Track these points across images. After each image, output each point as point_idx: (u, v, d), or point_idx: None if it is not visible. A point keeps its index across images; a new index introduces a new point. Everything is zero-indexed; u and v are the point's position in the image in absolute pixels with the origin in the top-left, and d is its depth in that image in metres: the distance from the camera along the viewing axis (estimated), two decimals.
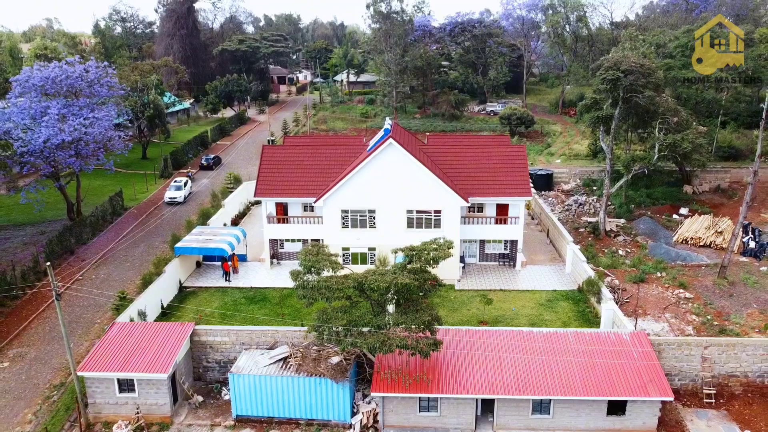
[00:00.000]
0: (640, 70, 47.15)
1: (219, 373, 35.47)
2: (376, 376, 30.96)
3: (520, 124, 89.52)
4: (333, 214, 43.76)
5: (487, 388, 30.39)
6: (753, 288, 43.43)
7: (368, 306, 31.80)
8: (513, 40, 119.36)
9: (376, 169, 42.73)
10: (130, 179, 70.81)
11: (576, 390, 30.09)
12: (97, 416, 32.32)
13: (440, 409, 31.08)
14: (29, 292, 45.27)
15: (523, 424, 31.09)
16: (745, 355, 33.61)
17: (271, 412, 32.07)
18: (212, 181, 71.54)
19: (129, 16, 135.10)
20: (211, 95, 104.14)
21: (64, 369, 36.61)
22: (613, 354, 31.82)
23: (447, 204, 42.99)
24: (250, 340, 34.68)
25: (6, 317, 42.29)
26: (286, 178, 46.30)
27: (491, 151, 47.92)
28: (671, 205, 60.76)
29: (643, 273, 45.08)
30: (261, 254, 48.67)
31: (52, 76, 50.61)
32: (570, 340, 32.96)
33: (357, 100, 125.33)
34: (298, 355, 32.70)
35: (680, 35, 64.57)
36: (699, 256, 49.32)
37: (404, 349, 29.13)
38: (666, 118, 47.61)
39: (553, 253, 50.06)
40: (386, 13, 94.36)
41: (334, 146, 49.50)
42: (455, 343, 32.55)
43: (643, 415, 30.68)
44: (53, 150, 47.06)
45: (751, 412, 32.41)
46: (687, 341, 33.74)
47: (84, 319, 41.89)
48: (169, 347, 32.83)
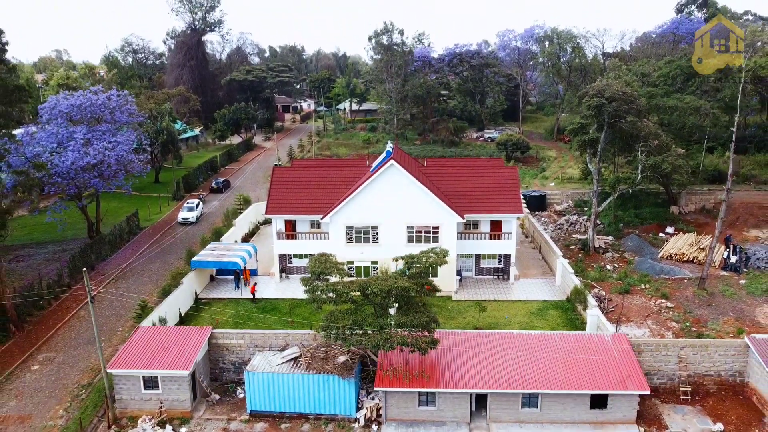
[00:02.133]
0: (622, 97, 51.06)
1: (234, 374, 38.46)
2: (379, 373, 33.97)
3: (516, 149, 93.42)
4: (338, 229, 47.14)
5: (481, 383, 33.38)
6: (730, 298, 46.50)
7: (371, 309, 34.97)
8: (509, 70, 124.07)
9: (378, 188, 46.23)
10: (144, 201, 74.38)
11: (561, 385, 33.07)
12: (123, 411, 35.25)
13: (438, 404, 33.99)
14: (54, 304, 48.52)
15: (513, 417, 33.96)
16: (718, 356, 36.60)
17: (282, 407, 34.97)
18: (222, 203, 75.11)
19: (140, 47, 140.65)
20: (219, 123, 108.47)
21: (90, 371, 39.64)
22: (595, 353, 34.87)
23: (444, 220, 46.38)
24: (263, 343, 37.77)
25: (34, 325, 45.44)
26: (294, 197, 49.82)
27: (485, 172, 51.55)
28: (658, 224, 64.02)
29: (628, 285, 48.25)
30: (270, 269, 51.91)
31: (78, 104, 54.60)
32: (556, 340, 36.03)
33: (359, 127, 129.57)
34: (308, 355, 35.75)
35: (662, 65, 68.79)
36: (682, 270, 52.45)
37: (404, 346, 32.22)
38: (648, 142, 51.30)
39: (544, 267, 53.24)
40: (387, 44, 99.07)
41: (338, 168, 53.19)
42: (452, 343, 35.63)
43: (623, 408, 33.56)
44: (79, 171, 50.75)
45: (724, 408, 35.28)
46: (664, 343, 36.81)
47: (107, 327, 44.94)
48: (190, 348, 35.94)
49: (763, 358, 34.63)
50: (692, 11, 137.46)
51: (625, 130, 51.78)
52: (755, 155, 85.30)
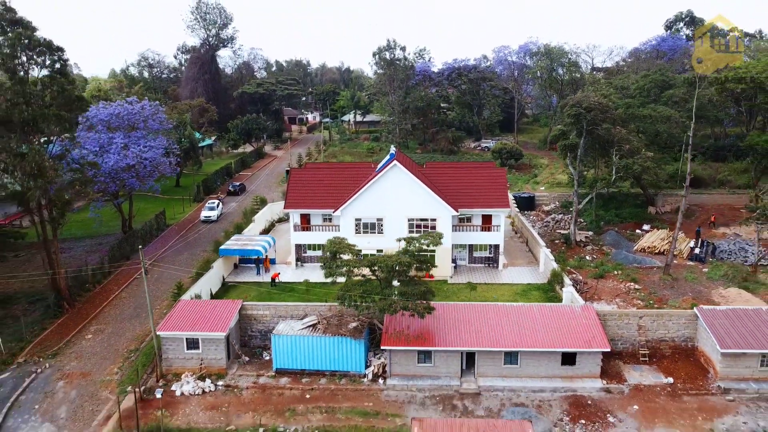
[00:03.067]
0: (598, 107, 58.00)
1: (260, 341, 45.02)
2: (384, 335, 40.54)
3: (510, 157, 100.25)
4: (348, 221, 53.86)
5: (470, 343, 39.92)
6: (692, 282, 53.03)
7: (378, 283, 41.61)
8: (506, 84, 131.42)
9: (383, 186, 53.01)
10: (167, 203, 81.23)
11: (537, 345, 39.60)
12: (169, 369, 41.78)
13: (434, 361, 40.49)
14: (98, 287, 55.28)
15: (497, 372, 40.43)
16: (672, 324, 43.15)
17: (303, 365, 41.46)
18: (239, 205, 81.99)
19: (156, 62, 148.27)
20: (232, 132, 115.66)
21: (136, 339, 46.30)
22: (566, 320, 41.46)
23: (440, 214, 53.07)
24: (285, 313, 44.39)
25: (83, 304, 52.15)
26: (309, 195, 56.61)
27: (477, 172, 58.40)
28: (636, 222, 70.66)
29: (603, 270, 54.85)
30: (287, 258, 58.60)
31: (116, 113, 61.66)
32: (534, 310, 42.63)
33: (363, 137, 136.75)
34: (324, 322, 42.38)
35: (639, 79, 75.87)
36: (652, 260, 59.01)
37: (406, 310, 38.86)
38: (620, 146, 58.10)
39: (530, 258, 59.85)
40: (390, 60, 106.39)
41: (347, 169, 60.07)
42: (446, 312, 42.23)
43: (589, 365, 40.06)
44: (119, 172, 57.67)
45: (676, 366, 41.77)
46: (626, 312, 43.42)
47: (146, 308, 51.46)
48: (225, 315, 42.57)
49: (708, 325, 41.10)
50: (680, 28, 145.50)
51: (601, 136, 58.63)
52: (733, 163, 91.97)
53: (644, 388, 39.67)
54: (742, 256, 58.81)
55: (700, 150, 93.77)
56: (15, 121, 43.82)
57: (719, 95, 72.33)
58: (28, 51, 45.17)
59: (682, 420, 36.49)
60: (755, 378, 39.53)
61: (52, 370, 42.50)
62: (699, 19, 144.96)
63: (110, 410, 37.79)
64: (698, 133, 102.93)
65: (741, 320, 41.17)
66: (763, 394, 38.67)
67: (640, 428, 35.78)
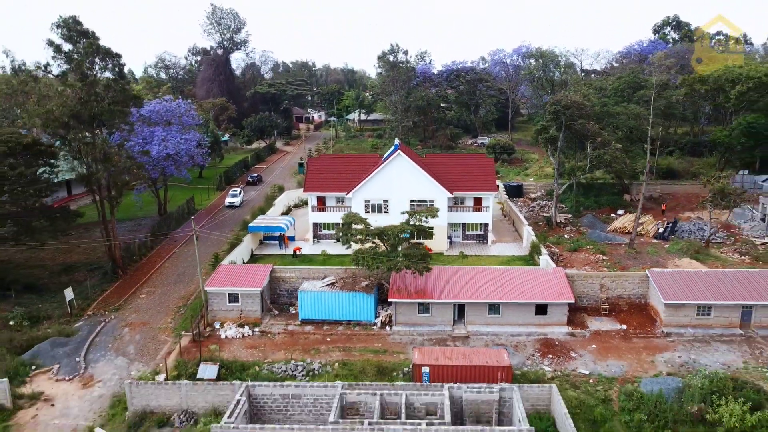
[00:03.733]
0: (575, 105, 67.00)
1: (287, 299, 54.09)
2: (391, 290, 49.62)
3: (503, 152, 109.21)
4: (359, 202, 62.90)
5: (461, 297, 48.97)
6: (652, 255, 62.02)
7: (386, 249, 50.66)
8: (501, 85, 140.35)
9: (389, 172, 62.07)
10: (193, 191, 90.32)
11: (515, 298, 48.63)
12: (213, 318, 50.88)
13: (431, 311, 49.54)
14: (144, 258, 64.44)
15: (483, 321, 49.46)
16: (628, 284, 52.24)
17: (324, 316, 50.50)
18: (258, 193, 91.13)
19: (172, 64, 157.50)
20: (246, 129, 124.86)
21: (183, 298, 55.41)
22: (540, 279, 50.52)
23: (437, 195, 62.07)
24: (308, 275, 53.47)
25: (133, 272, 61.30)
26: (325, 180, 65.66)
27: (470, 161, 67.53)
28: (611, 208, 79.64)
29: (576, 245, 63.89)
30: (305, 235, 67.71)
31: (156, 109, 70.78)
32: (514, 272, 51.73)
33: (367, 134, 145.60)
34: (341, 281, 51.47)
35: (615, 81, 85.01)
36: (622, 239, 68.02)
37: (408, 269, 47.94)
38: (594, 139, 67.14)
39: (516, 236, 68.88)
40: (394, 62, 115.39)
41: (357, 159, 69.11)
42: (441, 273, 51.29)
43: (557, 315, 49.11)
44: (160, 160, 66.83)
45: (630, 318, 50.85)
46: (590, 274, 52.53)
47: (188, 272, 60.73)
48: (259, 275, 51.71)
49: (656, 283, 50.14)
50: (668, 32, 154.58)
51: (577, 131, 67.68)
52: (707, 158, 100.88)
53: (602, 333, 48.78)
54: (700, 234, 67.80)
55: (678, 146, 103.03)
56: (84, 116, 52.96)
57: (687, 95, 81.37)
58: (94, 57, 54.25)
59: (630, 355, 45.56)
60: (692, 324, 48.58)
61: (117, 320, 51.67)
62: (685, 23, 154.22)
63: (170, 347, 46.98)
64: (677, 130, 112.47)
65: (682, 279, 50.26)
66: (698, 337, 47.73)
67: (596, 361, 44.86)
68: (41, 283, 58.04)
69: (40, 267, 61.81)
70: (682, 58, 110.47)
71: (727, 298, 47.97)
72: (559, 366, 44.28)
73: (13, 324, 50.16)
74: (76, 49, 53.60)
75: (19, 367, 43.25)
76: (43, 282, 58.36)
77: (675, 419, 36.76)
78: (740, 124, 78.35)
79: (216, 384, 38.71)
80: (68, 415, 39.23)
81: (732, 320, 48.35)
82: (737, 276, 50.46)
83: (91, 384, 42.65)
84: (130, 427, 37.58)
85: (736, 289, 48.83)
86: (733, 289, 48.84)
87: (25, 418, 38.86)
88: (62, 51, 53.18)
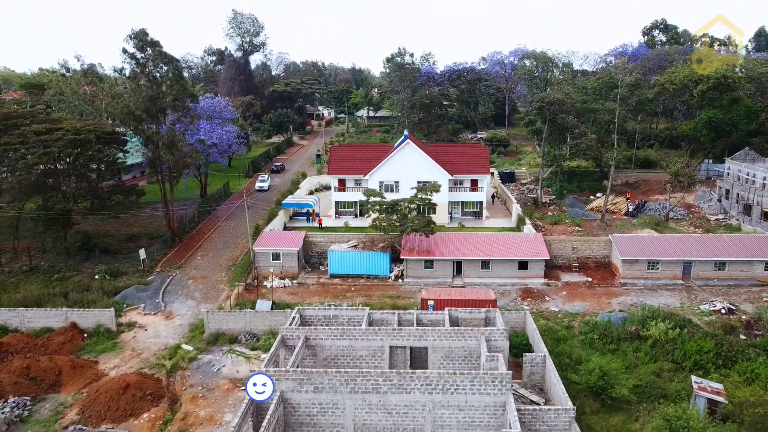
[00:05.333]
0: (557, 102, 79.05)
1: (317, 259, 66.29)
2: (402, 250, 61.80)
3: (499, 144, 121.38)
4: (374, 183, 75.02)
5: (459, 254, 61.13)
6: (620, 228, 74.01)
7: (398, 217, 62.84)
8: (499, 84, 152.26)
9: (399, 158, 74.24)
10: (224, 178, 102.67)
11: (502, 255, 60.75)
12: (259, 273, 63.14)
13: (435, 267, 61.68)
14: (194, 230, 76.78)
15: (476, 274, 61.57)
16: (595, 246, 64.40)
17: (348, 271, 62.68)
18: (282, 180, 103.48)
19: (194, 64, 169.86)
20: (266, 125, 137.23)
21: (231, 259, 67.70)
22: (523, 242, 62.67)
23: (440, 177, 74.10)
24: (335, 239, 65.73)
25: (187, 241, 73.63)
26: (345, 164, 77.86)
27: (467, 150, 79.76)
28: (591, 191, 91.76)
29: (557, 219, 76.02)
30: (328, 212, 79.98)
31: (201, 105, 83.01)
32: (502, 236, 63.92)
33: (375, 130, 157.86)
34: (361, 244, 63.70)
35: (594, 81, 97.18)
36: (597, 216, 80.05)
37: (416, 232, 60.12)
38: (572, 131, 79.23)
39: (507, 214, 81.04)
40: (400, 64, 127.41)
41: (373, 147, 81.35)
42: (443, 237, 63.47)
43: (536, 269, 61.21)
44: (206, 148, 79.17)
45: (596, 273, 62.99)
46: (564, 239, 64.70)
47: (231, 242, 73.07)
48: (296, 239, 64.00)
49: (616, 245, 62.20)
50: (656, 35, 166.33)
51: (559, 123, 79.75)
52: (683, 150, 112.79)
53: (572, 283, 60.97)
54: (664, 213, 79.80)
55: (658, 139, 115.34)
56: (153, 110, 65.26)
57: (659, 94, 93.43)
58: (159, 62, 66.50)
59: (592, 299, 57.69)
60: (644, 277, 60.67)
61: (181, 275, 64.01)
62: (672, 26, 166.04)
63: (228, 293, 59.31)
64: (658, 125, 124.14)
65: (637, 242, 62.42)
66: (648, 286, 59.81)
67: (564, 302, 57.02)
68: (113, 248, 70.45)
69: (109, 236, 74.31)
70: (663, 59, 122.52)
71: (671, 255, 60.10)
72: (535, 306, 56.45)
73: (98, 277, 62.47)
74: (144, 56, 65.81)
75: (113, 304, 55.57)
76: (114, 247, 70.77)
77: (619, 337, 48.88)
78: (702, 119, 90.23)
79: (272, 312, 51.04)
80: (159, 336, 51.60)
81: (676, 273, 60.46)
82: (681, 239, 62.65)
83: (172, 317, 55.03)
84: (208, 343, 49.88)
85: (680, 249, 60.95)
86: (677, 248, 60.97)
87: (127, 338, 51.23)
88: (135, 57, 65.39)
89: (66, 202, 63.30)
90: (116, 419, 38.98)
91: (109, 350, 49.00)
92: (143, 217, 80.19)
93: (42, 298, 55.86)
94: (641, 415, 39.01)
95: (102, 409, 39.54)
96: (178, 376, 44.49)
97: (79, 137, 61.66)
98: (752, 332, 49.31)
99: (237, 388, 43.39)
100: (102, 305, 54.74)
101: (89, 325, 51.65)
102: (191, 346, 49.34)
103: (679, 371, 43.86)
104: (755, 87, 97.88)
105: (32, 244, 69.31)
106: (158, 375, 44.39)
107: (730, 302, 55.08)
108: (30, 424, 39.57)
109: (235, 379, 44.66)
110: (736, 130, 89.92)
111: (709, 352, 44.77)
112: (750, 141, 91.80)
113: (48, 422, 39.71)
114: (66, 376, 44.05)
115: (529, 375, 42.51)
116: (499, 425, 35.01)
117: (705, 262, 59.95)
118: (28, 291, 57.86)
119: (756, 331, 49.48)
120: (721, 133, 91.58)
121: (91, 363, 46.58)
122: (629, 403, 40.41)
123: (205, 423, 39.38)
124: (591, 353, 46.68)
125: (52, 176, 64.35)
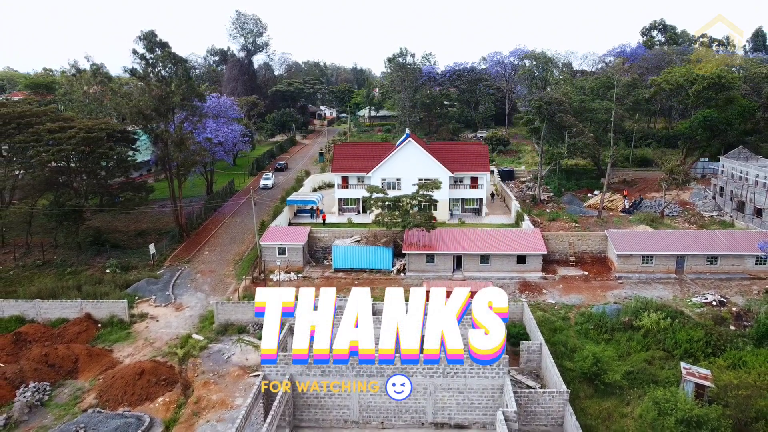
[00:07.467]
0: (555, 101, 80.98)
1: (322, 254, 68.24)
2: (404, 245, 63.70)
3: (499, 143, 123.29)
4: (377, 180, 76.94)
5: (459, 249, 63.05)
6: (617, 224, 75.96)
7: (400, 213, 64.76)
8: (499, 84, 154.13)
9: (401, 155, 76.16)
10: (229, 176, 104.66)
11: (501, 250, 62.67)
12: (266, 267, 65.06)
13: (436, 261, 63.60)
14: (201, 226, 78.73)
15: (476, 268, 63.49)
16: (591, 241, 66.33)
17: (352, 265, 64.61)
18: (286, 178, 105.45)
19: (197, 64, 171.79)
20: (269, 124, 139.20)
21: (238, 254, 69.65)
22: (521, 237, 64.60)
23: (441, 175, 75.98)
24: (339, 235, 67.67)
25: (194, 236, 75.61)
26: (348, 162, 79.80)
27: (467, 148, 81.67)
28: (589, 189, 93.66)
29: (555, 215, 77.94)
30: (332, 208, 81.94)
31: (207, 104, 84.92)
32: (501, 231, 65.84)
33: (377, 129, 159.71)
34: (365, 238, 65.64)
35: (592, 81, 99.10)
36: (594, 212, 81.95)
37: (418, 227, 62.05)
38: (570, 129, 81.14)
39: (506, 210, 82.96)
40: (402, 64, 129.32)
41: (375, 145, 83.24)
42: (444, 232, 65.41)
43: (534, 263, 63.14)
44: (213, 146, 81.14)
45: (592, 267, 64.89)
46: (561, 234, 66.60)
47: (238, 237, 75.04)
48: (301, 235, 65.96)
49: (612, 240, 64.12)
50: (654, 35, 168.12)
51: (557, 122, 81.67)
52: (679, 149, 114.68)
53: (568, 277, 62.91)
54: (660, 210, 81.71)
55: (656, 138, 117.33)
56: (162, 109, 67.25)
57: (655, 93, 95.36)
58: (167, 62, 68.46)
59: (588, 292, 59.61)
60: (638, 271, 62.58)
61: (190, 269, 66.00)
62: (671, 26, 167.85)
63: (236, 286, 61.27)
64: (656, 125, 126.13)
65: (632, 237, 64.34)
66: (642, 279, 61.71)
67: (561, 295, 58.94)
68: (123, 243, 72.43)
69: (119, 232, 76.31)
70: (660, 60, 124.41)
71: (665, 250, 62.01)
72: (533, 298, 58.35)
73: (109, 271, 64.44)
74: (154, 56, 67.77)
75: (125, 296, 57.53)
76: (124, 243, 72.75)
77: (613, 328, 50.80)
78: (697, 118, 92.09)
79: None
80: (170, 326, 53.58)
81: (669, 267, 62.36)
82: (675, 235, 64.59)
83: (182, 309, 57.00)
84: (218, 333, 51.86)
85: (674, 244, 62.86)
86: (671, 244, 62.88)
87: (139, 328, 53.21)
88: (144, 58, 67.35)
89: (78, 199, 65.31)
90: (132, 403, 40.97)
91: (122, 340, 50.99)
92: (151, 213, 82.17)
93: (56, 290, 57.89)
94: (632, 399, 40.90)
95: (119, 393, 41.52)
96: (190, 363, 46.46)
97: (92, 135, 63.68)
98: (741, 323, 51.22)
99: (247, 374, 45.37)
100: (114, 297, 56.73)
101: (103, 316, 53.64)
102: (201, 336, 51.32)
103: (669, 359, 45.77)
104: (750, 87, 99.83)
105: (45, 240, 71.27)
106: (171, 362, 46.39)
107: (722, 295, 57.01)
108: (50, 408, 41.56)
109: (245, 366, 46.65)
110: (731, 129, 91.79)
111: (699, 341, 46.67)
112: (745, 140, 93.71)
113: (67, 405, 41.71)
114: (83, 363, 46.04)
115: (526, 362, 44.45)
116: (497, 407, 36.97)
117: (698, 257, 61.84)
118: (43, 284, 59.88)
119: (745, 322, 51.39)
120: (716, 132, 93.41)
121: (106, 351, 48.57)
122: (621, 389, 42.32)
123: (218, 406, 41.36)
124: (586, 342, 48.61)
125: (65, 173, 66.37)
